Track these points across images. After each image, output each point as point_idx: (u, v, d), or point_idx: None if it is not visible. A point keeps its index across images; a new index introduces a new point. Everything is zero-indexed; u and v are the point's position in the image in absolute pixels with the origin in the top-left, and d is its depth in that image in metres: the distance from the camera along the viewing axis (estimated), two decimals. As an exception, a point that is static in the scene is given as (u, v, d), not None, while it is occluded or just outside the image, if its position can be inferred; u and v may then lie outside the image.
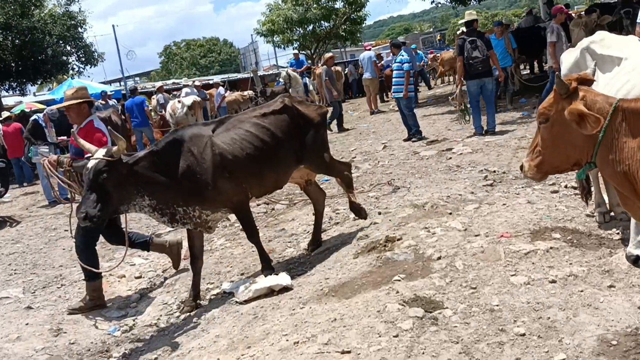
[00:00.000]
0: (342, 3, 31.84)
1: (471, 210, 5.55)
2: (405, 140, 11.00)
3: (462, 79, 10.05)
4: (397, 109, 15.65)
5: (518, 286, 3.87)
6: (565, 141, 2.86)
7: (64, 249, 7.45)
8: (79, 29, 19.03)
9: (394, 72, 11.45)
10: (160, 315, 5.06)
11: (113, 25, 35.48)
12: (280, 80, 31.30)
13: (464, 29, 11.67)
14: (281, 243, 6.12)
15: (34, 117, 10.41)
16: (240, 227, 7.06)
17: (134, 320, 5.10)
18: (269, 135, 5.01)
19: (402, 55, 11.42)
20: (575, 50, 4.64)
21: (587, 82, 2.87)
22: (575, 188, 5.84)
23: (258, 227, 6.83)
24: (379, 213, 6.12)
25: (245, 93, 28.48)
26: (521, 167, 3.20)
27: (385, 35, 79.84)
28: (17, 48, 17.07)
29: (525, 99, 13.16)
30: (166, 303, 5.29)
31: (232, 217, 7.51)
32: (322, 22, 32.37)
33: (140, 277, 6.26)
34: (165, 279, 6.03)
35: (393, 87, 11.53)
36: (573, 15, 16.92)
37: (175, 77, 59.59)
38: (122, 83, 37.41)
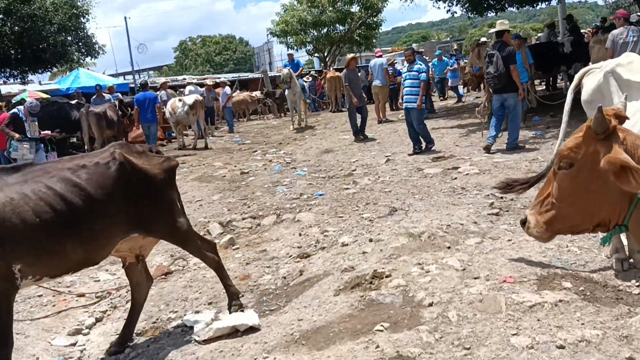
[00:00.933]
0: (358, 7, 31.31)
1: (472, 245, 4.93)
2: (410, 154, 10.40)
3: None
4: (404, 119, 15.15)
5: (519, 350, 3.25)
6: (592, 195, 2.24)
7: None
8: (81, 18, 18.53)
9: (408, 80, 10.82)
10: (110, 347, 4.47)
11: (125, 17, 35.18)
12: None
13: (483, 39, 11.09)
14: (259, 268, 5.51)
15: (14, 110, 9.88)
16: (222, 240, 6.56)
17: (81, 352, 4.50)
18: (81, 196, 3.73)
19: (420, 64, 10.79)
20: (598, 72, 4.01)
21: (621, 119, 2.25)
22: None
23: (237, 246, 6.31)
24: (370, 240, 5.50)
25: (254, 94, 27.98)
26: (523, 222, 2.55)
27: (401, 42, 79.19)
28: (17, 35, 16.60)
29: (539, 117, 12.49)
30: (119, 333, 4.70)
31: (214, 230, 6.98)
32: (336, 25, 31.87)
33: (102, 296, 5.68)
34: (128, 301, 5.44)
35: (405, 96, 10.90)
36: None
37: (188, 73, 59.41)
38: (132, 76, 37.10)
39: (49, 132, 10.42)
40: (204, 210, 8.12)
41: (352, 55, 16.07)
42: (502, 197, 6.61)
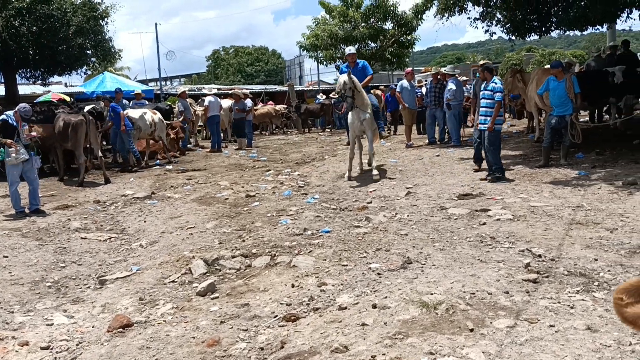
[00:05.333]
0: (392, 24, 30.32)
1: (502, 329, 3.80)
2: (489, 180, 9.64)
3: None
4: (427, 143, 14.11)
5: None
6: None
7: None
8: (100, 21, 17.85)
9: (483, 100, 9.81)
10: None
11: (155, 24, 34.80)
12: (319, 98, 30.06)
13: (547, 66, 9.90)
14: (234, 330, 4.45)
15: (3, 115, 9.07)
16: (201, 284, 5.54)
17: None
18: None
19: (495, 83, 9.74)
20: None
21: None
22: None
23: (217, 294, 5.28)
24: (374, 306, 4.40)
25: (279, 107, 27.14)
26: None
27: (435, 63, 77.98)
28: (35, 36, 15.96)
29: (582, 153, 11.24)
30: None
31: (197, 269, 5.96)
32: (368, 41, 30.88)
33: (47, 347, 4.68)
34: (75, 358, 4.43)
35: (480, 117, 9.88)
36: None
37: (219, 83, 59.14)
38: (159, 83, 36.68)
39: (34, 134, 9.58)
40: (192, 240, 7.12)
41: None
42: (540, 256, 5.48)
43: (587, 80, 11.96)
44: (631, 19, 16.55)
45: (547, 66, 17.37)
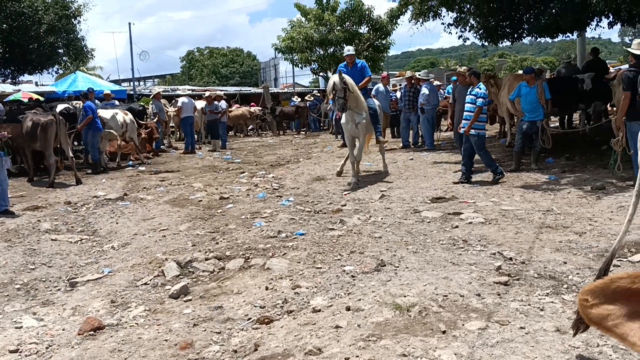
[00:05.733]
0: (367, 28, 30.50)
1: (474, 331, 3.85)
2: (455, 182, 9.86)
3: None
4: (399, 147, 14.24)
5: None
6: None
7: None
8: (73, 20, 17.58)
9: (468, 104, 9.93)
10: None
11: (129, 24, 34.44)
12: (294, 100, 30.04)
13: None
14: (207, 333, 4.42)
15: (-23, 118, 8.93)
16: (174, 287, 5.49)
17: None
18: None
19: (480, 88, 9.86)
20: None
21: None
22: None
23: (190, 296, 5.24)
24: (348, 309, 4.42)
25: (253, 109, 27.06)
26: None
27: (410, 67, 78.54)
28: (5, 33, 15.66)
29: (552, 158, 11.45)
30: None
31: (170, 271, 5.91)
32: (344, 45, 30.97)
33: (16, 350, 4.59)
34: (44, 362, 4.36)
35: (464, 121, 10.00)
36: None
37: (193, 84, 58.73)
38: (132, 83, 36.30)
39: (4, 133, 9.41)
40: (165, 242, 7.05)
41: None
42: (511, 259, 5.57)
43: (557, 86, 12.19)
44: (600, 27, 16.93)
45: (520, 72, 17.71)
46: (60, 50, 18.46)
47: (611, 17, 12.11)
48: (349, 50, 11.26)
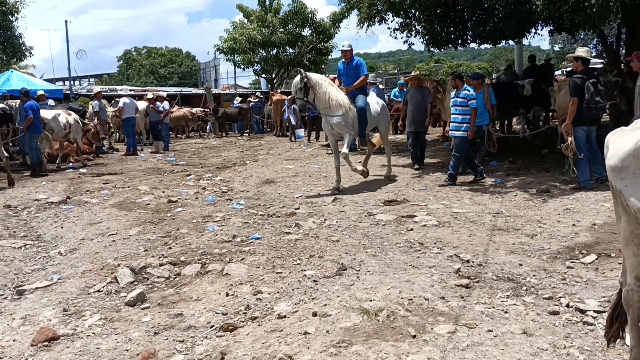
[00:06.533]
0: (310, 31, 30.58)
1: (444, 335, 3.88)
2: (440, 185, 9.98)
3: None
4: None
5: None
6: None
7: None
8: (10, 17, 16.75)
9: (455, 107, 10.03)
10: None
11: (66, 22, 33.24)
12: (235, 102, 29.69)
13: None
14: (170, 341, 4.27)
15: None
16: (130, 294, 5.28)
17: None
18: None
19: (468, 91, 9.97)
20: (637, 132, 3.06)
21: None
22: (582, 311, 4.29)
23: (148, 304, 5.05)
24: (314, 314, 4.37)
25: (195, 110, 26.62)
26: None
27: (350, 70, 79.02)
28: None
29: (496, 162, 11.78)
30: None
31: (123, 277, 5.69)
32: (286, 47, 31.01)
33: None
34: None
35: (452, 124, 10.07)
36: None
37: (130, 84, 57.21)
38: (69, 82, 35.05)
39: None
40: (116, 248, 6.80)
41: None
42: (468, 261, 5.66)
43: (498, 92, 12.56)
44: (539, 35, 17.64)
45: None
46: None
47: (552, 25, 12.57)
48: (343, 45, 10.31)
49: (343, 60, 10.34)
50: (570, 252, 5.89)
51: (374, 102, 10.61)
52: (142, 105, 19.36)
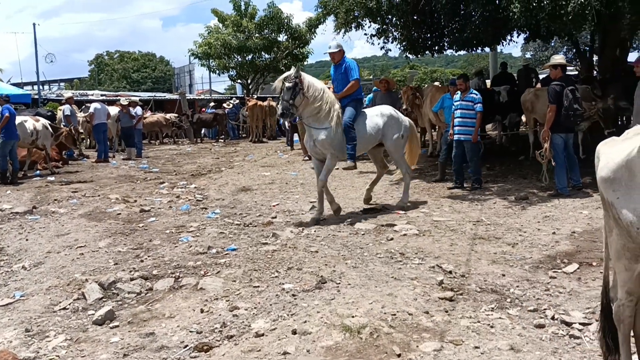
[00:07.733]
0: (286, 37, 30.45)
1: (430, 353, 3.71)
2: (450, 188, 10.02)
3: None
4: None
5: None
6: None
7: None
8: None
9: (460, 110, 9.88)
10: None
11: (34, 24, 32.59)
12: (210, 107, 29.33)
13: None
14: (141, 364, 4.04)
15: None
16: (98, 311, 5.01)
17: None
18: None
19: (474, 94, 9.88)
20: (629, 142, 2.94)
21: None
22: (567, 324, 4.17)
23: (117, 322, 4.79)
24: (294, 332, 4.17)
25: (169, 116, 26.25)
26: None
27: (325, 76, 79.26)
28: None
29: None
30: None
31: (91, 293, 5.42)
32: (262, 52, 30.80)
33: None
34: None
35: (456, 127, 9.91)
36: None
37: (102, 88, 56.35)
38: (37, 87, 34.35)
39: None
40: (84, 261, 6.51)
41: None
42: (450, 272, 5.52)
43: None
44: (514, 42, 17.76)
45: (437, 84, 18.20)
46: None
47: (527, 32, 12.60)
48: (330, 46, 8.46)
49: (333, 63, 8.63)
50: (552, 261, 5.80)
51: (374, 115, 8.55)
52: (113, 110, 18.96)
